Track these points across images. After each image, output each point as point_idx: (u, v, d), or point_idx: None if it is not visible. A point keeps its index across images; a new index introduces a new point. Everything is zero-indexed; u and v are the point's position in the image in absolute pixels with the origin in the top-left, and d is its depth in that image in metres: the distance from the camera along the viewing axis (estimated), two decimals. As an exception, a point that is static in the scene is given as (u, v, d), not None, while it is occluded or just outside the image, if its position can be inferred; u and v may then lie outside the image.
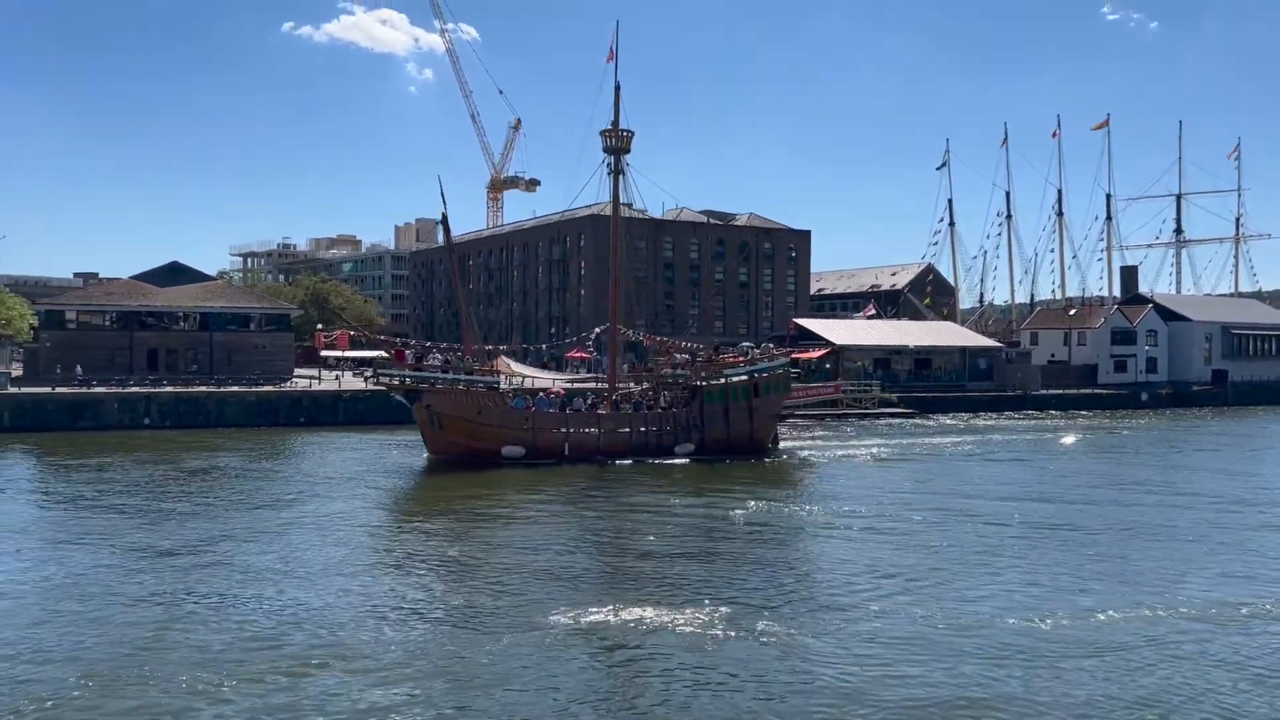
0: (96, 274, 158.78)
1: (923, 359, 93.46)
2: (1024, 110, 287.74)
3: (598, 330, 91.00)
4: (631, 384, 57.10)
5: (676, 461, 47.11)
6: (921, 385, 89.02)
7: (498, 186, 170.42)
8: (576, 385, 63.68)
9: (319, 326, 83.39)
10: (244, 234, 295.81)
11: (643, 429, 48.58)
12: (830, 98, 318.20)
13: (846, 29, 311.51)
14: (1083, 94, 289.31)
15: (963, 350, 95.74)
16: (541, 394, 51.70)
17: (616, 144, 53.22)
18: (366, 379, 50.95)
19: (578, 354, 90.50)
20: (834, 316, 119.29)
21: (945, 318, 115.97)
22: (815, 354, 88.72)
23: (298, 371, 78.85)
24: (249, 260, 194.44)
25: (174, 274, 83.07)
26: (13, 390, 62.20)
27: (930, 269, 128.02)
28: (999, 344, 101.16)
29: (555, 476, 42.07)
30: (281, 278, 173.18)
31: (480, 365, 49.50)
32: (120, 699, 15.75)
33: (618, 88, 53.20)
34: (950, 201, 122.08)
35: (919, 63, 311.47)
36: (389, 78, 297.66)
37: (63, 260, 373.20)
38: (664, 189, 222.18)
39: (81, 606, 21.00)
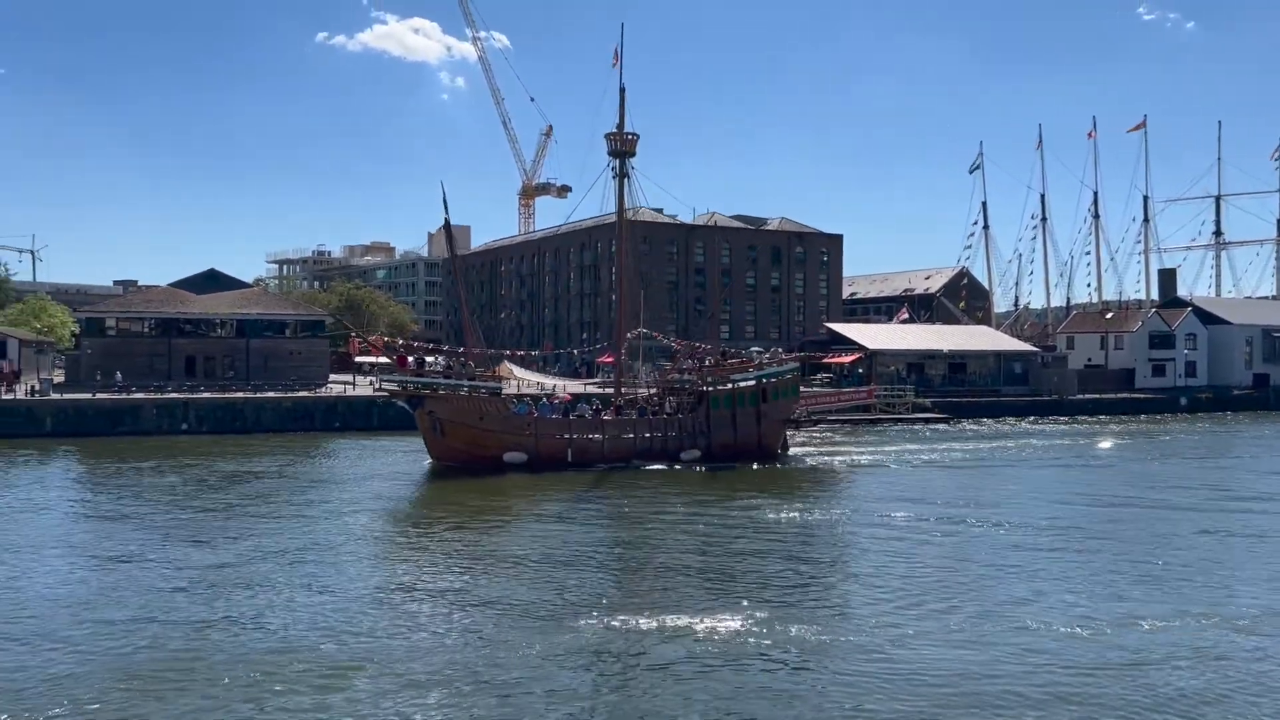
0: (136, 281, 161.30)
1: (957, 363, 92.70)
2: (1058, 112, 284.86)
3: (630, 335, 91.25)
4: (640, 389, 56.65)
5: (681, 468, 46.43)
6: (956, 390, 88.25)
7: (529, 193, 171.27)
8: (584, 391, 63.45)
9: (353, 332, 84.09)
10: (279, 241, 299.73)
11: (648, 435, 47.89)
12: (862, 101, 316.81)
13: (877, 33, 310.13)
14: (1118, 95, 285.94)
15: (997, 354, 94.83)
16: (544, 399, 51.26)
17: (621, 147, 53.07)
18: (374, 386, 50.65)
19: (609, 359, 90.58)
20: (866, 321, 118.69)
21: (980, 322, 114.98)
22: (848, 358, 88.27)
23: (332, 377, 79.58)
24: (284, 267, 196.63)
25: (211, 281, 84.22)
26: (55, 396, 63.30)
27: (964, 272, 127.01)
28: (1034, 348, 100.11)
29: (551, 484, 41.41)
30: (316, 284, 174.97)
31: (484, 371, 49.15)
32: (160, 701, 15.96)
33: (622, 90, 53.22)
34: (984, 204, 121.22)
35: (951, 66, 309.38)
36: (422, 86, 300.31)
37: (103, 268, 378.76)
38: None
39: (120, 610, 21.31)
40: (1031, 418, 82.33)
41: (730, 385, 49.85)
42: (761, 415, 49.89)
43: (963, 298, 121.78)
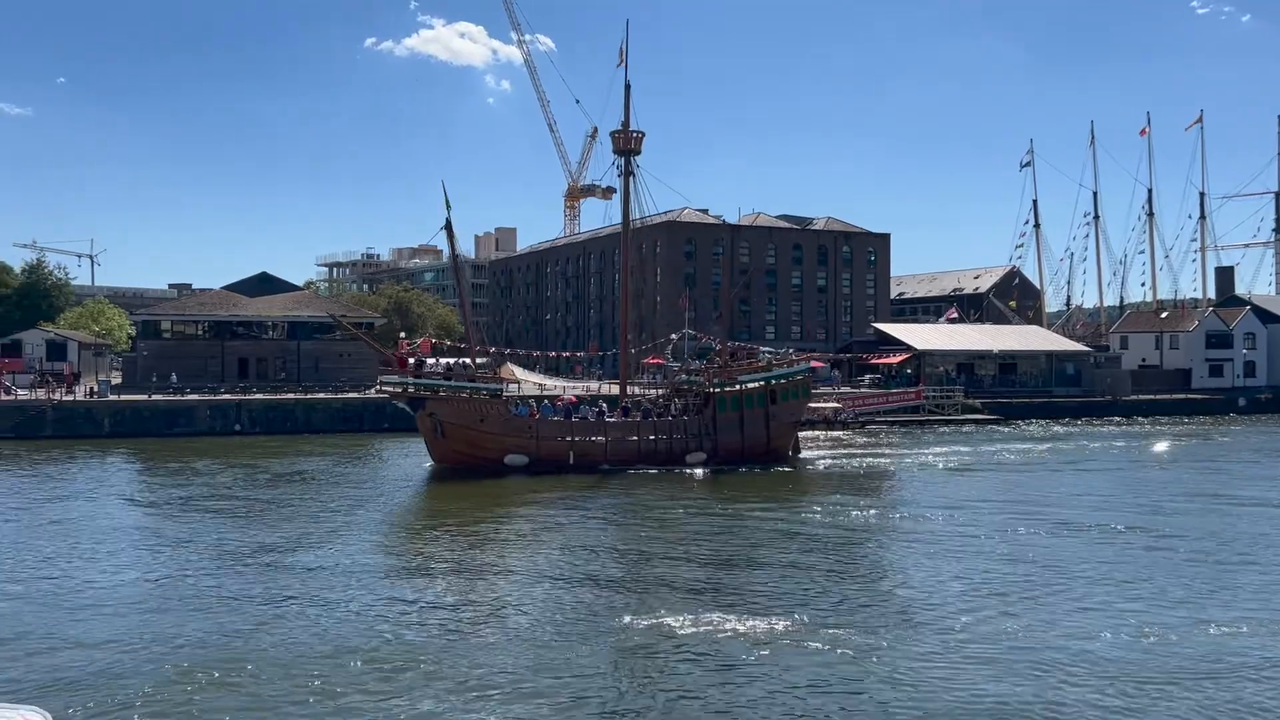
0: (190, 285, 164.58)
1: (1007, 364, 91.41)
2: (1111, 108, 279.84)
3: (674, 337, 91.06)
4: (649, 391, 55.66)
5: (687, 471, 45.46)
6: (1006, 391, 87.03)
7: (574, 195, 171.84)
8: (591, 393, 62.93)
9: (402, 334, 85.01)
10: (329, 245, 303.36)
11: (652, 437, 46.90)
12: (909, 99, 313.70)
13: (924, 31, 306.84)
14: (1172, 90, 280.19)
15: (1049, 355, 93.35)
16: (546, 401, 50.44)
17: (626, 145, 52.63)
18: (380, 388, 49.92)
19: (654, 360, 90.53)
20: (915, 321, 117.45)
21: (1031, 321, 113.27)
22: (896, 359, 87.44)
23: (381, 378, 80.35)
24: (334, 270, 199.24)
25: (263, 284, 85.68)
26: (113, 398, 64.72)
27: (1015, 271, 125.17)
28: (1087, 348, 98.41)
29: (544, 486, 40.94)
30: (365, 287, 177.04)
31: (486, 373, 48.26)
32: (210, 698, 16.20)
33: (628, 87, 52.83)
34: (1035, 202, 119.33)
35: (1001, 63, 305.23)
36: (468, 90, 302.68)
37: (158, 272, 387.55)
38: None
39: (175, 607, 21.68)
40: (1084, 419, 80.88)
41: (737, 386, 48.81)
42: (770, 417, 48.79)
43: (1013, 297, 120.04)
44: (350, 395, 70.04)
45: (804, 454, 52.28)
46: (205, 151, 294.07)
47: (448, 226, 47.37)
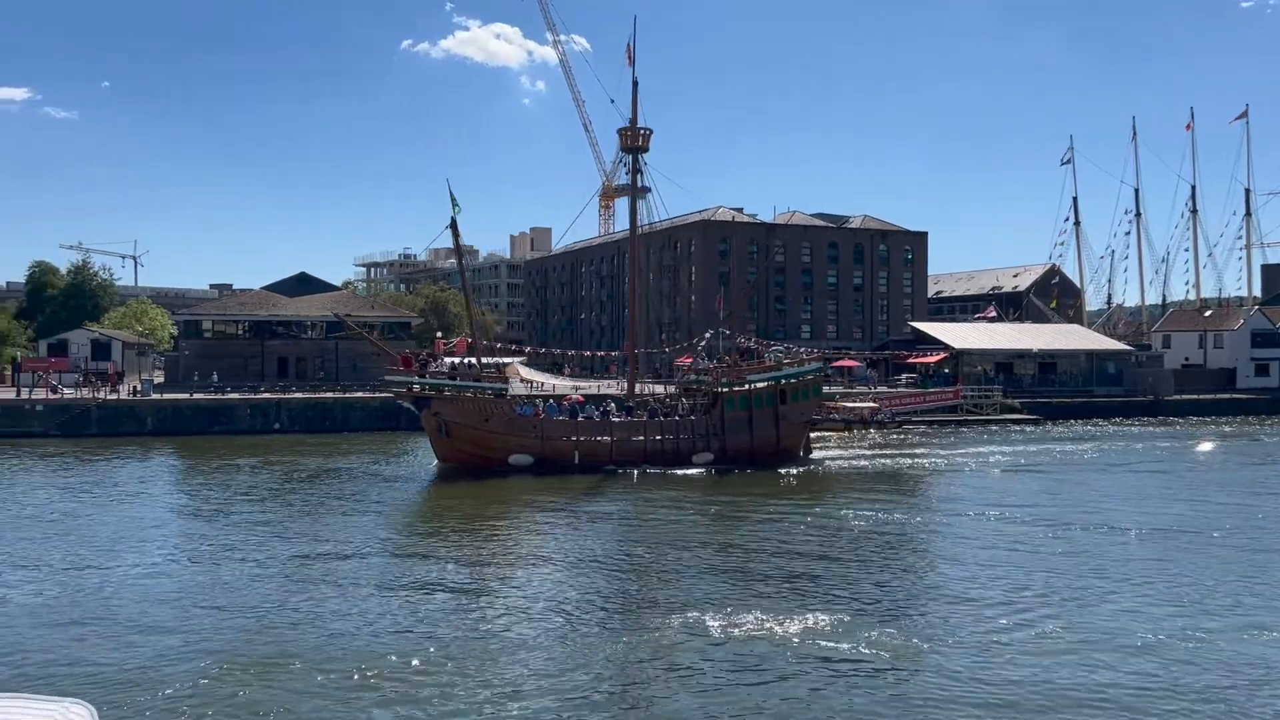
0: (230, 285, 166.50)
1: (1047, 363, 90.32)
2: (1153, 104, 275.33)
3: (708, 335, 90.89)
4: (658, 390, 54.89)
5: (692, 471, 44.91)
6: (1046, 390, 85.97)
7: (609, 194, 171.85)
8: (600, 392, 62.23)
9: (438, 334, 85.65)
10: (367, 245, 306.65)
11: (658, 437, 46.39)
12: (946, 97, 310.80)
13: (961, 27, 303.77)
14: (1217, 85, 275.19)
15: (1089, 354, 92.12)
16: (551, 401, 49.93)
17: (635, 143, 52.18)
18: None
19: (687, 360, 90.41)
20: (953, 320, 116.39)
21: (1071, 320, 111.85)
22: (933, 358, 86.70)
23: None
24: (372, 270, 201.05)
25: (302, 285, 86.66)
26: (155, 396, 65.74)
27: (1054, 270, 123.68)
28: (1129, 347, 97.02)
29: (549, 487, 40.98)
30: (402, 287, 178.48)
31: (492, 372, 47.73)
32: (251, 692, 16.40)
33: (635, 84, 52.37)
34: (1075, 199, 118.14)
35: (1039, 59, 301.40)
36: (503, 91, 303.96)
37: (199, 272, 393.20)
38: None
39: (214, 603, 21.96)
40: (1126, 419, 79.69)
41: (746, 386, 48.13)
42: (780, 417, 48.08)
43: (1053, 296, 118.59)
44: (387, 394, 70.48)
45: (819, 454, 51.78)
46: (245, 152, 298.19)
47: (453, 226, 46.85)
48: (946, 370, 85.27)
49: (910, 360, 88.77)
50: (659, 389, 55.72)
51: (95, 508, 34.92)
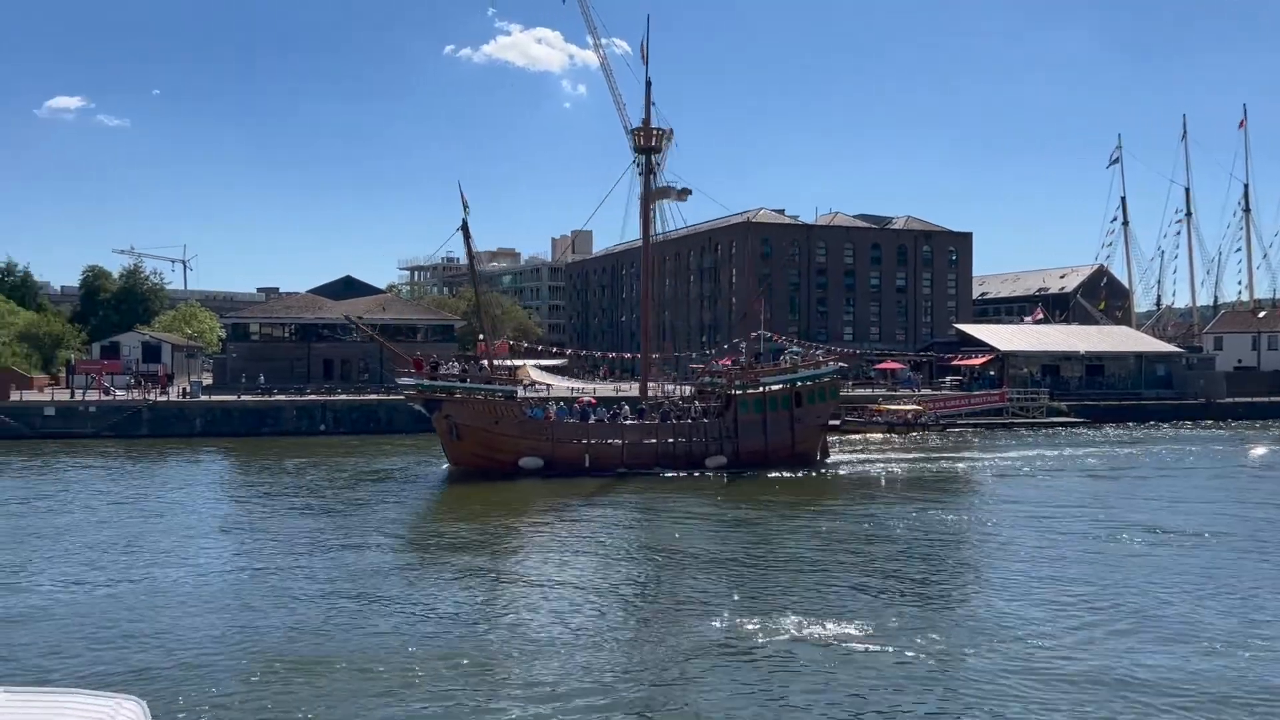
0: (277, 288, 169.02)
1: (1094, 365, 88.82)
2: (1204, 102, 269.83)
3: (750, 337, 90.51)
4: (674, 393, 54.23)
5: (707, 474, 44.36)
6: (1093, 393, 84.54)
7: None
8: (617, 395, 61.24)
9: (480, 336, 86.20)
10: (410, 248, 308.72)
11: (670, 440, 45.82)
12: (991, 96, 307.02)
13: (1005, 26, 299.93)
14: (1270, 82, 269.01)
15: (1138, 356, 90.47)
16: (561, 403, 49.18)
17: (648, 143, 51.39)
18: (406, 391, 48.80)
19: (728, 362, 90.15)
20: (998, 321, 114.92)
21: (1119, 322, 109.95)
22: (978, 361, 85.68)
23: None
24: (415, 274, 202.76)
25: (347, 288, 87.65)
26: (204, 398, 66.84)
27: (1102, 271, 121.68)
28: (1179, 349, 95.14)
29: (560, 490, 40.83)
30: (445, 290, 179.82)
31: (503, 374, 47.41)
32: (295, 689, 16.61)
33: (648, 84, 51.86)
34: (1123, 199, 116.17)
35: (1084, 57, 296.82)
36: (545, 94, 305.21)
37: (247, 276, 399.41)
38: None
39: (259, 601, 22.27)
40: (1176, 422, 78.16)
41: (760, 388, 47.34)
42: (795, 420, 47.36)
43: (1101, 297, 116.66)
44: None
45: (847, 456, 51.06)
46: (291, 157, 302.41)
47: (464, 228, 46.30)
48: (992, 373, 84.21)
49: (955, 362, 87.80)
50: (674, 391, 54.91)
51: (144, 507, 35.59)
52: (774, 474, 44.50)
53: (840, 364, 52.29)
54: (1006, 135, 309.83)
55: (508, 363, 56.25)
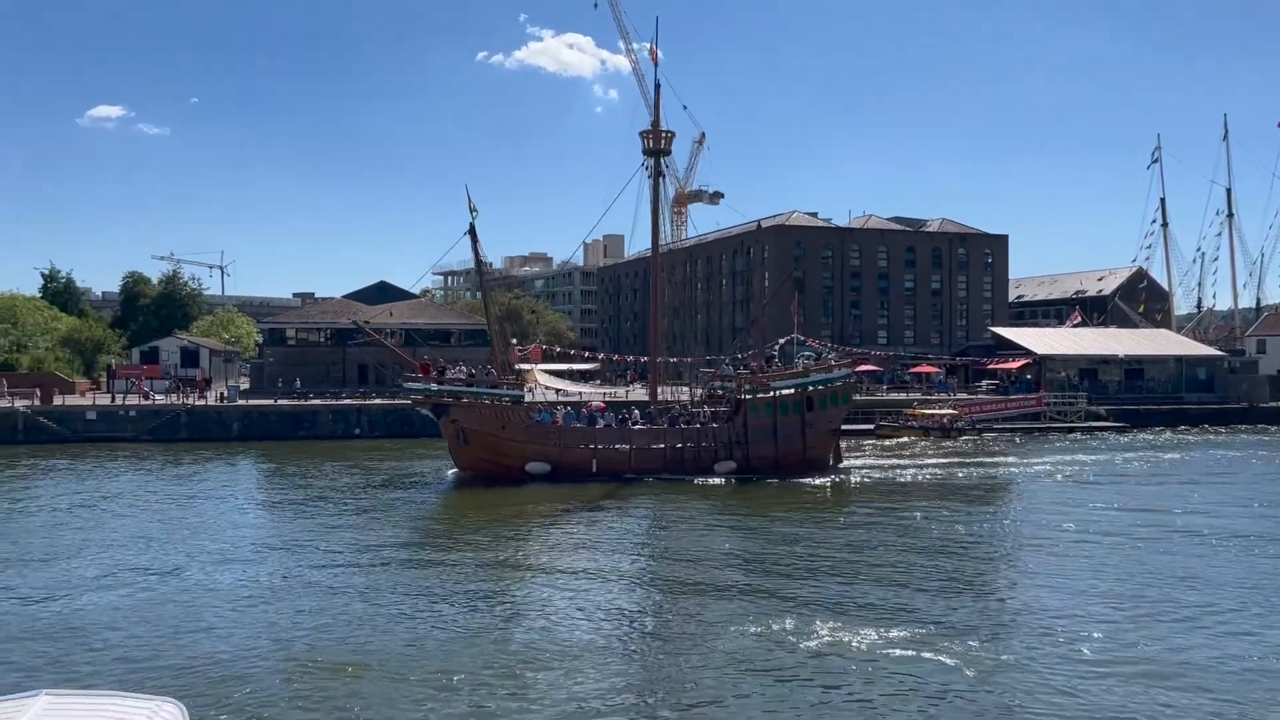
0: (313, 294, 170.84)
1: (1133, 369, 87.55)
2: (1246, 101, 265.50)
3: (781, 341, 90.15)
4: (682, 398, 53.40)
5: (714, 480, 43.78)
6: (1132, 397, 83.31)
7: (682, 200, 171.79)
8: (626, 399, 60.15)
9: (513, 341, 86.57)
10: (444, 253, 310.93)
11: (679, 445, 45.26)
12: (1027, 98, 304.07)
13: (1042, 27, 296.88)
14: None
15: (1179, 359, 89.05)
16: (569, 408, 48.37)
17: (657, 145, 50.77)
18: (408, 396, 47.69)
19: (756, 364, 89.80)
20: (1035, 325, 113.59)
21: (1159, 325, 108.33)
22: (1015, 364, 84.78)
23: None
24: (449, 279, 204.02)
25: (381, 293, 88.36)
26: (241, 402, 67.57)
27: (1141, 273, 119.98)
28: (1220, 352, 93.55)
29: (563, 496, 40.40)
30: (478, 295, 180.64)
31: (510, 379, 46.75)
32: (334, 691, 16.66)
33: (658, 86, 51.39)
34: (1162, 200, 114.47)
35: (1122, 57, 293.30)
36: (576, 100, 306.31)
37: (283, 281, 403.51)
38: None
39: (297, 603, 22.40)
40: (1218, 426, 76.86)
41: (771, 393, 46.57)
42: (806, 425, 46.50)
43: (1140, 300, 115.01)
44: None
45: (854, 462, 50.12)
46: (326, 164, 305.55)
47: (471, 231, 45.60)
48: (1029, 376, 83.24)
49: (991, 366, 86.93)
50: (685, 395, 54.13)
51: (181, 510, 35.99)
52: (785, 480, 43.91)
53: (850, 369, 51.31)
54: (1043, 136, 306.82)
55: (522, 366, 55.19)
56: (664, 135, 51.27)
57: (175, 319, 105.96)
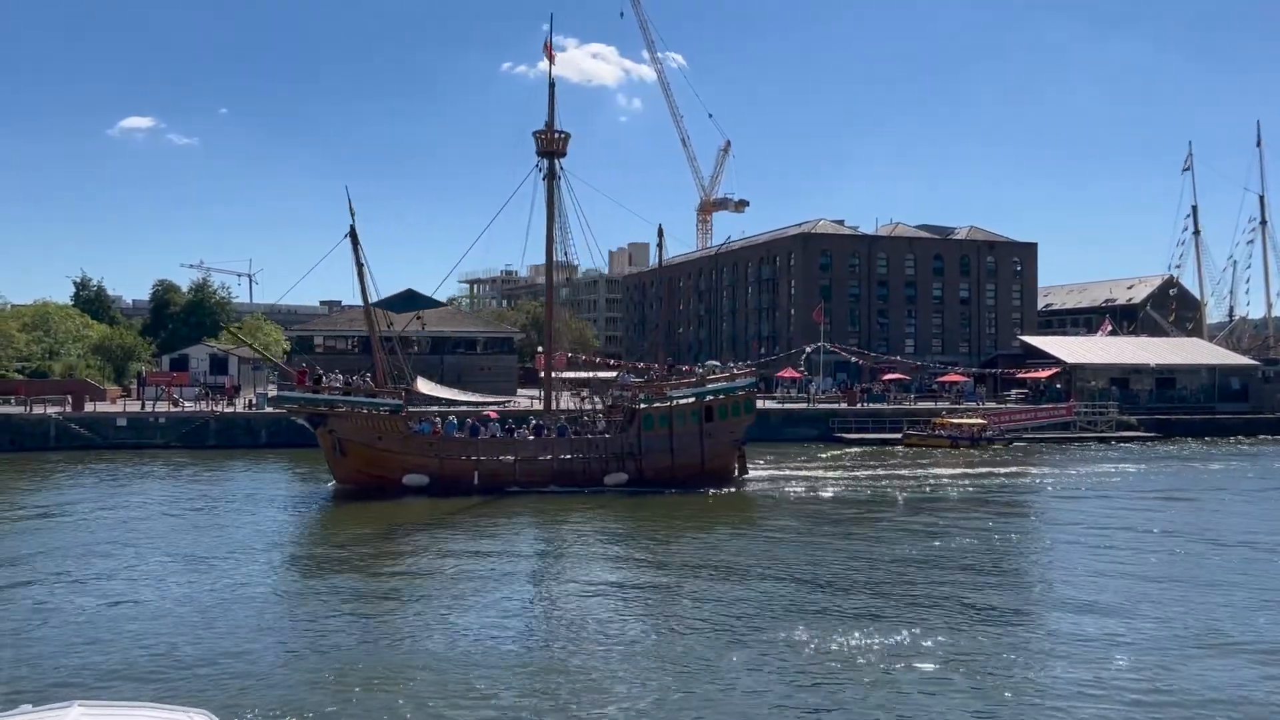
0: (340, 301, 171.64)
1: (1165, 378, 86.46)
2: (1279, 107, 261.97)
3: (808, 349, 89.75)
4: (586, 406, 51.73)
5: (604, 493, 42.03)
6: (1164, 407, 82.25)
7: (707, 208, 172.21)
8: (519, 410, 58.63)
9: (539, 349, 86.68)
10: (470, 262, 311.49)
11: (566, 456, 43.52)
12: (1056, 105, 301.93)
13: (1066, 36, 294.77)
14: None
15: (1211, 368, 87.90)
16: (451, 418, 46.63)
17: (549, 146, 48.82)
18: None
19: (788, 373, 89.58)
20: (1064, 333, 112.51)
21: (1190, 334, 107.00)
22: (1044, 374, 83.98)
23: (520, 391, 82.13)
24: (475, 287, 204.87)
25: (409, 301, 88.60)
26: (269, 410, 67.94)
27: (1173, 281, 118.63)
28: (1254, 361, 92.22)
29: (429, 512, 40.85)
30: (505, 303, 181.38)
31: (392, 388, 44.92)
32: (366, 701, 16.61)
33: (552, 85, 49.42)
34: (1194, 208, 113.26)
35: (1151, 65, 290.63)
36: (600, 109, 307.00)
37: (310, 290, 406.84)
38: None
39: (325, 611, 22.40)
40: (1251, 437, 75.69)
41: (668, 403, 44.90)
42: (705, 435, 44.68)
43: (1171, 309, 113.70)
44: (490, 408, 71.47)
45: (759, 473, 48.21)
46: (352, 173, 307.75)
47: (352, 234, 44.01)
48: (1059, 386, 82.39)
49: (1020, 375, 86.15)
50: (591, 405, 51.86)
51: (211, 517, 36.17)
52: (681, 494, 41.97)
53: (753, 378, 48.95)
54: (1072, 144, 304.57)
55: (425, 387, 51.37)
56: (558, 136, 48.96)
57: (205, 327, 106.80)
